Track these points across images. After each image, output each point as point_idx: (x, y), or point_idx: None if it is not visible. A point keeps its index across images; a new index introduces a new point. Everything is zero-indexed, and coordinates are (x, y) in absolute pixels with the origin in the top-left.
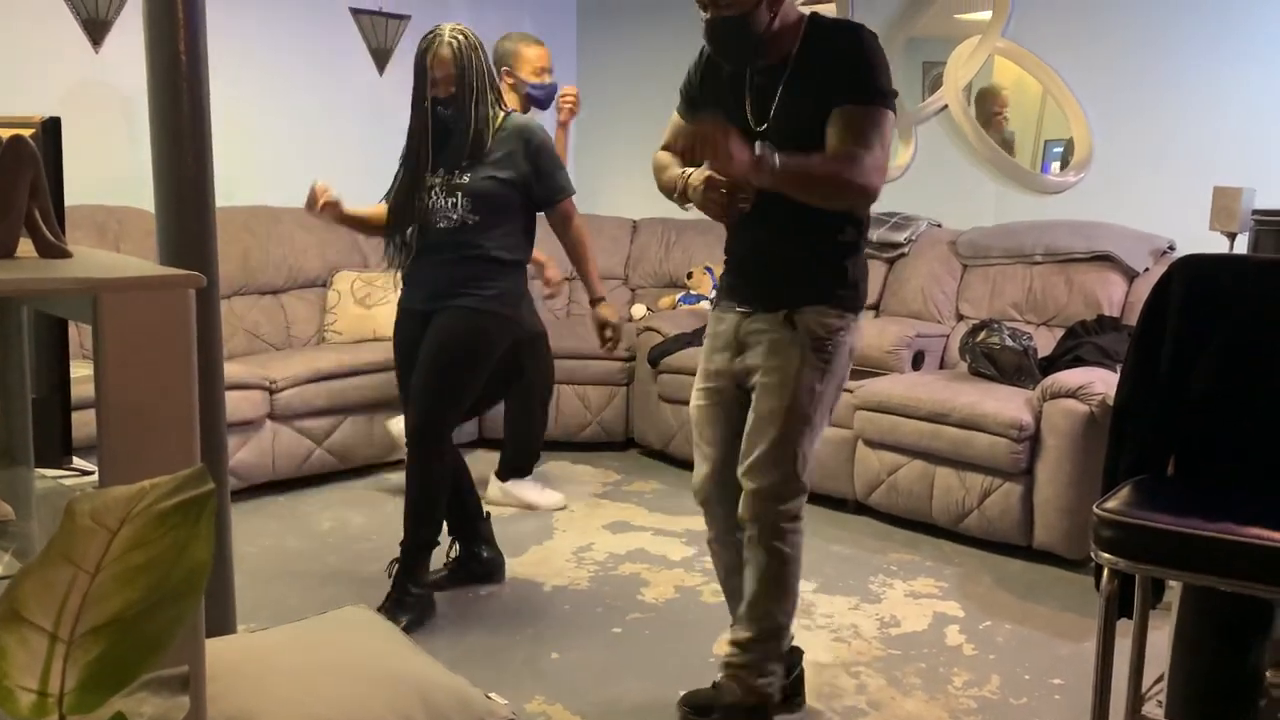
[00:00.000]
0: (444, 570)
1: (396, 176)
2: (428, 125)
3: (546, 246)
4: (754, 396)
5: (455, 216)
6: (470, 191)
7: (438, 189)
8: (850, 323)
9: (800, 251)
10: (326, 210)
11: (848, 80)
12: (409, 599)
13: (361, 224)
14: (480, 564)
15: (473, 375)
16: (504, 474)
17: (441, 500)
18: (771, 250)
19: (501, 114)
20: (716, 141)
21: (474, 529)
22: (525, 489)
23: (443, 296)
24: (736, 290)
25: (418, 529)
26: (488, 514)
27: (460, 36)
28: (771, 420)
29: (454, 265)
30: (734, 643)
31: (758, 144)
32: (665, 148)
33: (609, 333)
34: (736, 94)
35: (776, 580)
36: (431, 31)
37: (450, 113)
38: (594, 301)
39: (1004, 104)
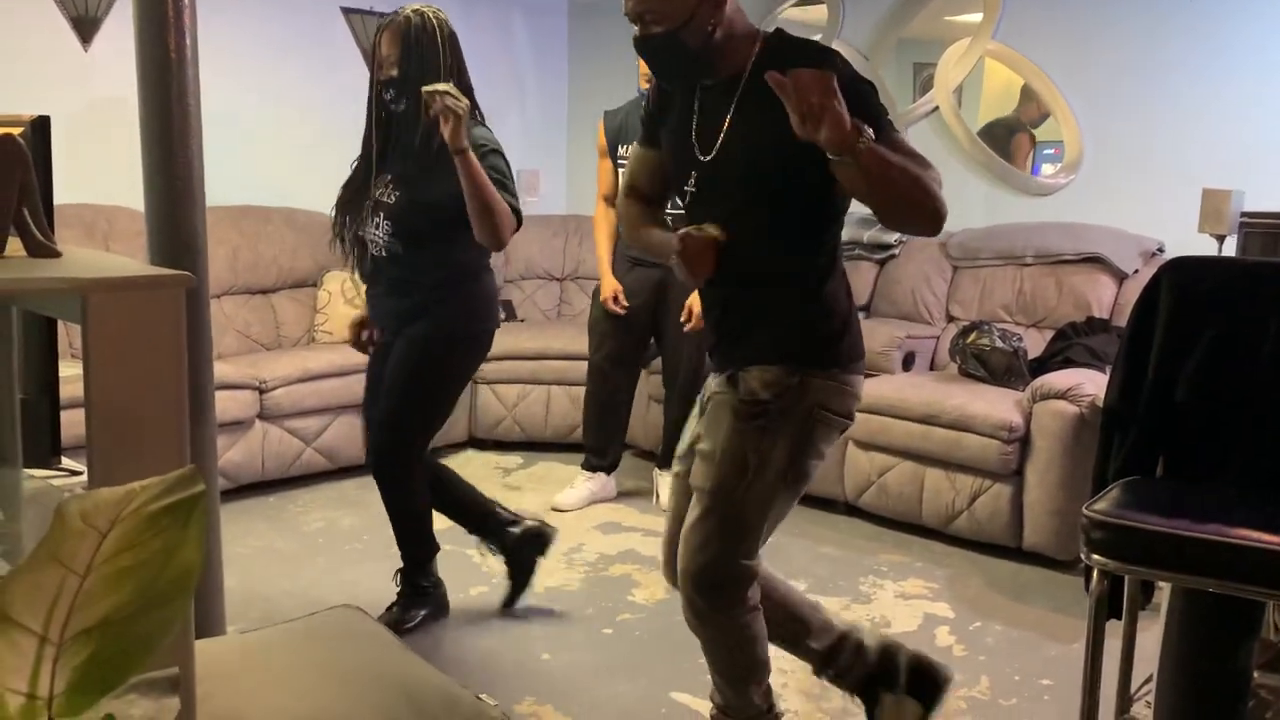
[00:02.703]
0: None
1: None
2: (372, 111)
3: None
4: None
5: (382, 244)
6: (391, 215)
7: (371, 205)
8: (813, 381)
9: (754, 307)
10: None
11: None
12: (422, 592)
13: None
14: (529, 539)
15: (437, 402)
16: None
17: (426, 515)
18: (727, 308)
19: None
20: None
21: (496, 518)
22: (661, 481)
23: (400, 325)
24: (711, 353)
25: (412, 550)
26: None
27: (418, 16)
28: (701, 493)
29: (397, 294)
30: (714, 705)
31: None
32: (631, 188)
33: None
34: (685, 119)
35: (728, 665)
36: (395, 10)
37: (392, 97)
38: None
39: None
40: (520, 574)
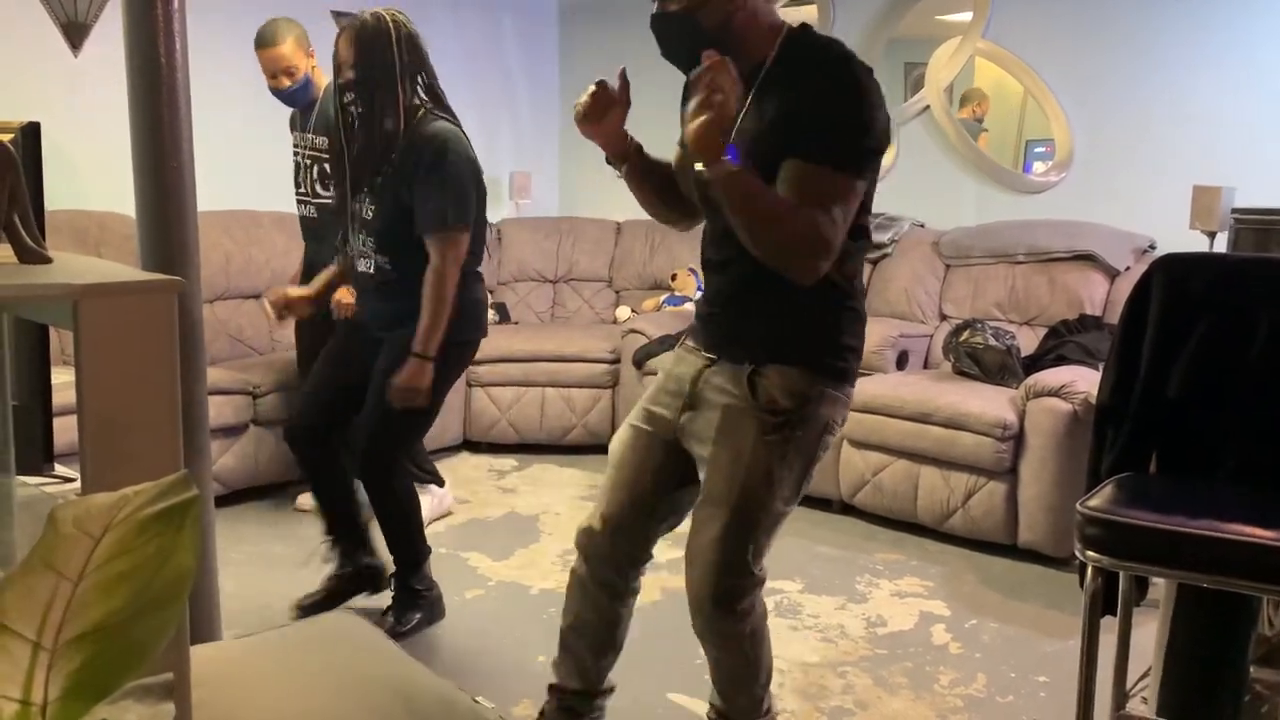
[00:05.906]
0: (320, 592)
1: None
2: (338, 120)
3: None
4: (702, 469)
5: (370, 258)
6: (373, 230)
7: (353, 220)
8: (828, 393)
9: (781, 296)
10: (293, 307)
11: (813, 127)
12: (417, 596)
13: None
14: (365, 575)
15: (423, 409)
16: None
17: (415, 517)
18: (749, 289)
19: (421, 115)
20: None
21: (360, 537)
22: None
23: (389, 325)
24: (704, 332)
25: (404, 553)
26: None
27: (373, 18)
28: (719, 505)
29: (385, 299)
30: (714, 709)
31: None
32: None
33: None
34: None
35: (740, 671)
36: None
37: (351, 100)
38: (413, 355)
39: (983, 108)
40: (336, 596)
